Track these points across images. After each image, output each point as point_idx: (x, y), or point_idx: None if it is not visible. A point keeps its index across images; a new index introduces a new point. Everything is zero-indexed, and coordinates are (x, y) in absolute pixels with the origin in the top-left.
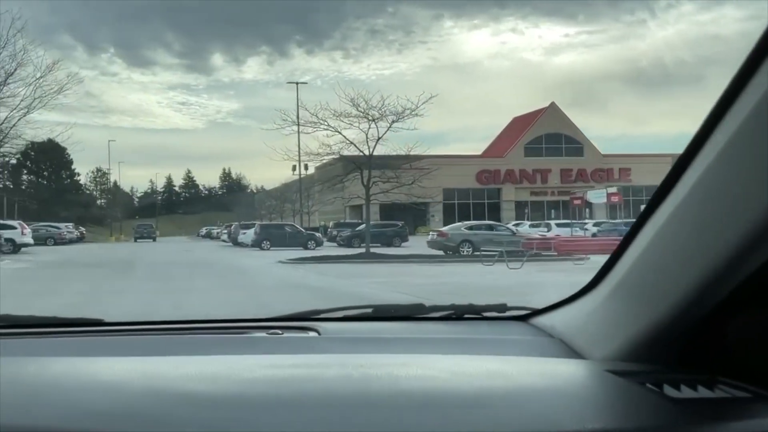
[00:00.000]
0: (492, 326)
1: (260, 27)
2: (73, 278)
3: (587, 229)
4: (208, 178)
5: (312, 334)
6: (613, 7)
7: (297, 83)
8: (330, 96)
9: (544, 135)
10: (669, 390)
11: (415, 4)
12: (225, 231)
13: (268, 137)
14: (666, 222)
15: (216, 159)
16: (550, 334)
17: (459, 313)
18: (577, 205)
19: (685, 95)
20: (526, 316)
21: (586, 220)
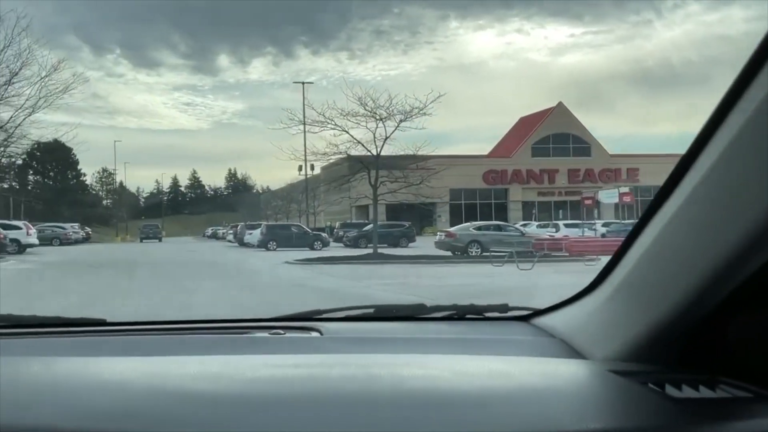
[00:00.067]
0: (494, 326)
1: (266, 28)
2: (78, 279)
3: (595, 230)
4: (214, 179)
5: (314, 334)
6: (619, 8)
7: (303, 83)
8: (335, 96)
9: (552, 135)
10: (670, 390)
11: (421, 5)
12: (231, 231)
13: (275, 137)
14: (668, 223)
15: (221, 159)
16: (552, 335)
17: (461, 314)
18: (588, 206)
19: (693, 95)
20: (528, 317)
21: (595, 221)
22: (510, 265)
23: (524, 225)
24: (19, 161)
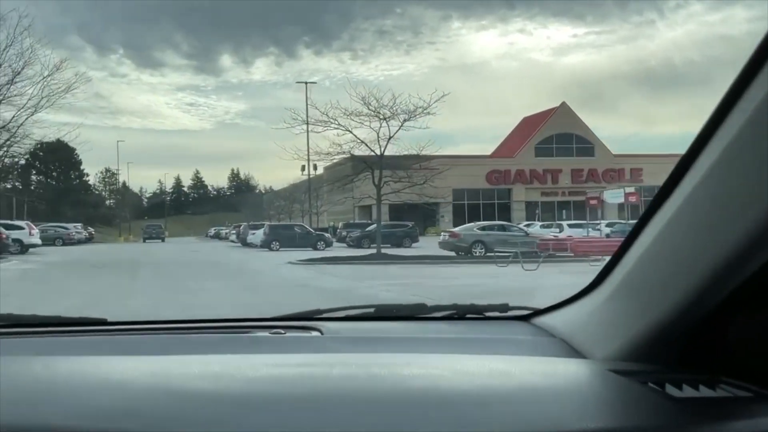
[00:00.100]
0: (494, 326)
1: (268, 28)
2: (81, 279)
3: (600, 230)
4: (217, 179)
5: (315, 334)
6: (622, 8)
7: (306, 83)
8: (338, 96)
9: (555, 135)
10: (671, 389)
11: (423, 5)
12: (234, 231)
13: (278, 137)
14: (668, 222)
15: (224, 159)
16: (552, 334)
17: (461, 313)
18: (593, 206)
19: (696, 95)
20: (528, 316)
21: (599, 221)
22: (514, 266)
23: (527, 225)
24: (22, 161)
